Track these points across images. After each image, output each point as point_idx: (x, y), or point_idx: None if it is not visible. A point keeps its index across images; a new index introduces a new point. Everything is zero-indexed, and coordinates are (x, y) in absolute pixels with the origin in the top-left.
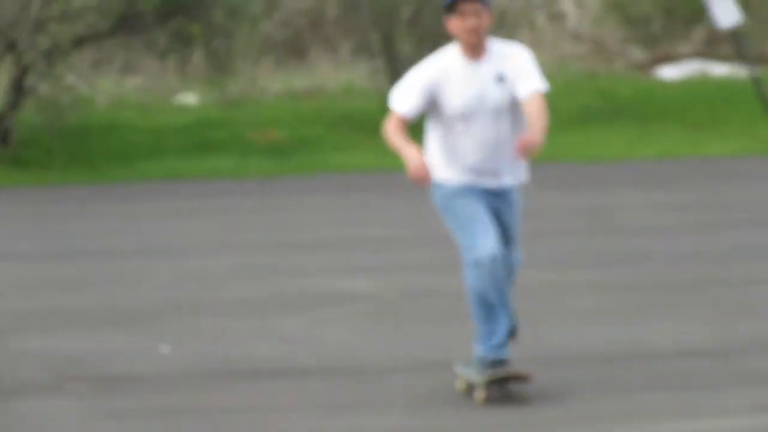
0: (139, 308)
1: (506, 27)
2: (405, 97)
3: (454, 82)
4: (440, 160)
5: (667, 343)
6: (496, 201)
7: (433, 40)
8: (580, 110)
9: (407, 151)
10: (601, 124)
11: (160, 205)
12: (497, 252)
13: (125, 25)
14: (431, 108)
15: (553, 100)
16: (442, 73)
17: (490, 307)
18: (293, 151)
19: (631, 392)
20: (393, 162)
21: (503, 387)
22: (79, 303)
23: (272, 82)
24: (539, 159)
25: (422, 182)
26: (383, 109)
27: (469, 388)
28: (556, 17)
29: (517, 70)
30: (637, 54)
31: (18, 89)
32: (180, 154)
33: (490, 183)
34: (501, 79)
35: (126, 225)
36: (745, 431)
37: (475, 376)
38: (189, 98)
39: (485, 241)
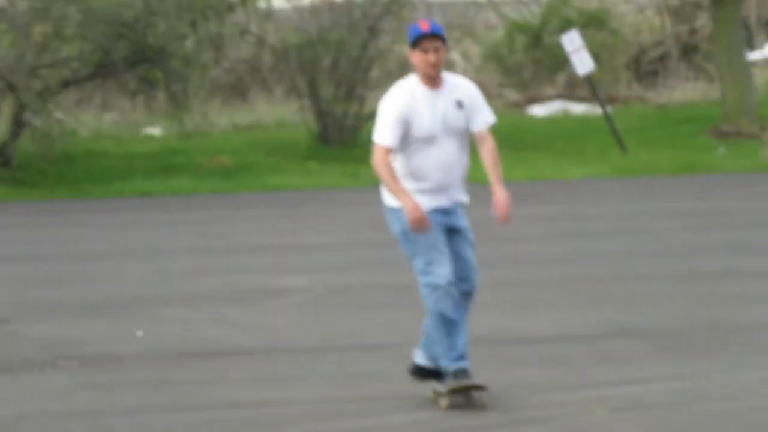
0: (117, 301)
1: (406, 74)
2: (387, 131)
3: (420, 109)
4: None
5: (546, 329)
6: (450, 218)
7: (347, 84)
8: None
9: (406, 201)
10: (529, 151)
11: (131, 217)
12: (452, 277)
13: (102, 71)
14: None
15: None
16: (410, 103)
17: (450, 323)
18: (237, 174)
19: (515, 368)
20: (315, 182)
21: (466, 395)
22: (67, 296)
23: (220, 117)
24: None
25: (422, 230)
26: (310, 139)
27: (437, 397)
28: (447, 65)
29: (471, 100)
30: (512, 95)
31: (17, 123)
32: (147, 176)
33: (445, 202)
34: (460, 105)
35: (104, 233)
36: (605, 399)
37: (440, 386)
38: (154, 130)
39: (442, 269)
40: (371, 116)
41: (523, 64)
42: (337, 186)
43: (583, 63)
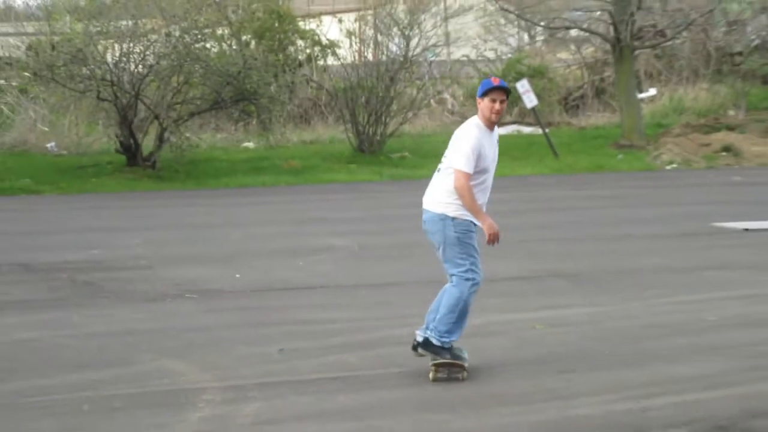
0: (224, 254)
1: (415, 108)
2: (468, 162)
3: (486, 146)
4: (457, 202)
5: (505, 272)
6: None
7: (376, 114)
8: None
9: (486, 221)
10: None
11: (234, 200)
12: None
13: (215, 106)
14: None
15: (437, 145)
16: (482, 141)
17: (466, 313)
18: (303, 172)
19: (483, 299)
20: (354, 178)
21: (449, 370)
22: (191, 251)
23: (292, 136)
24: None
25: (496, 242)
26: (351, 150)
27: (439, 378)
28: (441, 102)
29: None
30: None
31: (160, 139)
32: (244, 174)
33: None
34: (497, 146)
35: (216, 210)
36: (542, 319)
37: (435, 358)
38: (249, 144)
39: (480, 271)
40: (391, 135)
41: None
42: (368, 180)
43: (530, 100)
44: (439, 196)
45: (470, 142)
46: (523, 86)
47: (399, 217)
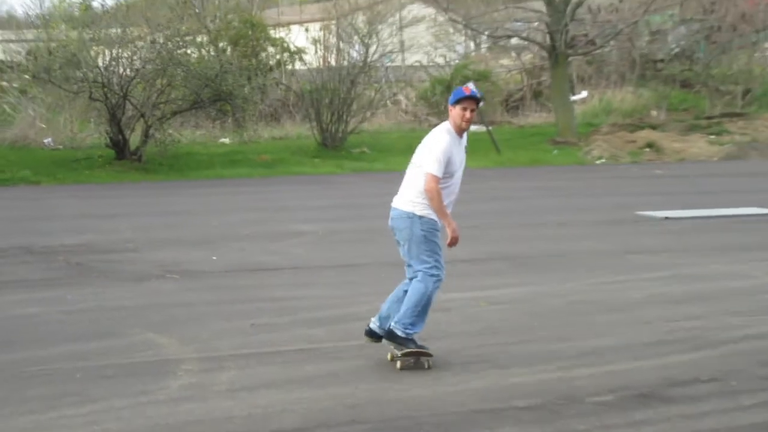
0: (202, 238)
1: (373, 108)
2: (439, 164)
3: (454, 151)
4: (425, 202)
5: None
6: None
7: (337, 113)
8: (407, 147)
9: (450, 222)
10: None
11: (212, 190)
12: None
13: (195, 105)
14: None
15: (392, 141)
16: (451, 146)
17: (428, 306)
18: (274, 165)
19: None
20: (318, 170)
21: (416, 358)
22: (173, 235)
23: (263, 132)
24: (386, 169)
25: (455, 244)
26: (315, 145)
27: (393, 359)
28: (396, 103)
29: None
30: (433, 120)
31: (145, 135)
32: (221, 166)
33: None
34: (465, 150)
35: (196, 199)
36: (486, 297)
37: (400, 349)
38: (225, 140)
39: (443, 267)
40: (352, 132)
41: (439, 101)
42: (331, 173)
43: None
44: (409, 196)
45: (441, 147)
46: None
47: (359, 206)
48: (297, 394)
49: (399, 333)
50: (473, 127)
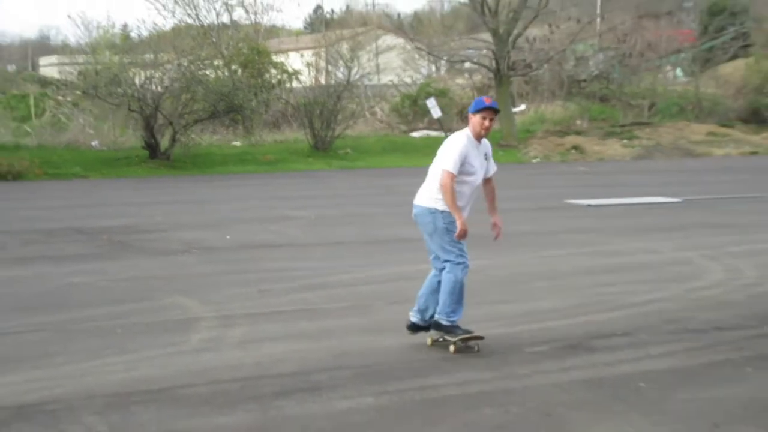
0: (218, 221)
1: (354, 117)
2: (454, 163)
3: (471, 154)
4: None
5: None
6: None
7: (327, 121)
8: (382, 148)
9: (459, 216)
10: (391, 154)
11: (226, 183)
12: None
13: (213, 116)
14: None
15: (370, 144)
16: (468, 148)
17: (463, 292)
18: (276, 163)
19: (356, 260)
20: (311, 167)
21: (466, 342)
22: (194, 219)
23: (267, 137)
24: (366, 166)
25: (464, 238)
26: (309, 147)
27: (436, 343)
28: (372, 114)
29: (489, 155)
30: (402, 128)
31: (173, 139)
32: (233, 164)
33: (465, 214)
34: (486, 157)
35: (213, 190)
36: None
37: (452, 337)
38: (237, 143)
39: (467, 255)
40: (338, 137)
41: (408, 113)
42: (322, 169)
43: (436, 112)
44: (430, 193)
45: (458, 148)
46: (431, 103)
47: (344, 195)
48: (295, 345)
49: (444, 322)
50: (435, 133)
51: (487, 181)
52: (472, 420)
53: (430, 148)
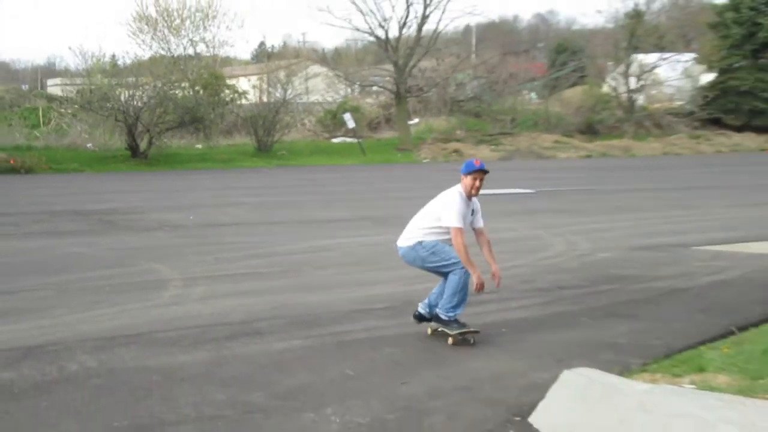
0: (185, 205)
1: (289, 127)
2: (458, 219)
3: (464, 209)
4: (423, 231)
5: (327, 217)
6: None
7: (268, 130)
8: (310, 151)
9: (475, 272)
10: (316, 155)
11: (190, 177)
12: None
13: (180, 125)
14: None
15: (301, 147)
16: (461, 205)
17: (465, 292)
18: (230, 161)
19: (313, 239)
20: (256, 165)
21: (464, 335)
22: (165, 204)
23: (223, 142)
24: (297, 164)
25: (482, 290)
26: (254, 150)
27: (435, 333)
28: (303, 125)
29: (477, 210)
30: (326, 135)
31: (149, 143)
32: (197, 162)
33: None
34: (473, 212)
35: (183, 182)
36: (360, 244)
37: (450, 330)
38: (199, 146)
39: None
40: (276, 142)
41: (329, 124)
42: (264, 166)
43: (351, 124)
44: (409, 234)
45: (456, 206)
46: (347, 116)
47: (281, 186)
48: (242, 300)
49: (442, 316)
50: (350, 140)
51: (480, 233)
52: (376, 357)
53: (347, 151)
